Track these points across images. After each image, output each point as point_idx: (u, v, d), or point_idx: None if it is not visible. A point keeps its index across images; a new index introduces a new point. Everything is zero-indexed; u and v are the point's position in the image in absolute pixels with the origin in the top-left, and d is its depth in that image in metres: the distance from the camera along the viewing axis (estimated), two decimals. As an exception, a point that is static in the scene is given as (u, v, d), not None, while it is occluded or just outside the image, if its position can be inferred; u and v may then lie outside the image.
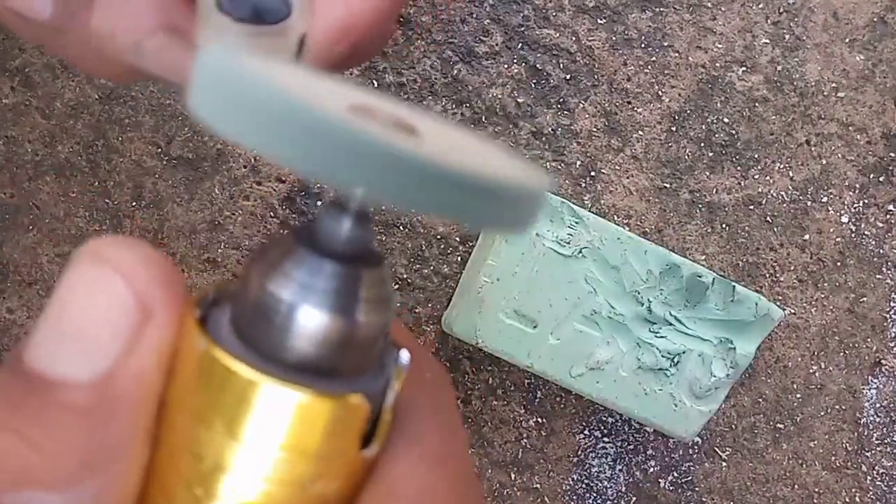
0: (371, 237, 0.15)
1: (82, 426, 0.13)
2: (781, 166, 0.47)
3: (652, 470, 0.48)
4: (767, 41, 0.47)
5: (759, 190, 0.47)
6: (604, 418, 0.48)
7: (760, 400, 0.48)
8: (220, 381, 0.14)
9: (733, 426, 0.48)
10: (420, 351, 0.17)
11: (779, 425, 0.48)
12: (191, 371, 0.14)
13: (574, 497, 0.48)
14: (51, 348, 0.14)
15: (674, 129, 0.47)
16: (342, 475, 0.14)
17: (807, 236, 0.48)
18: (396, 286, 0.46)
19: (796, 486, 0.49)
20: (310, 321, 0.14)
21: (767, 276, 0.48)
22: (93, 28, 0.19)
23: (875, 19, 0.47)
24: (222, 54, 0.12)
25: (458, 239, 0.46)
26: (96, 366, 0.14)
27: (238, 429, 0.14)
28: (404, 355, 0.15)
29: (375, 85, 0.46)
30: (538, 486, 0.48)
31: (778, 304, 0.47)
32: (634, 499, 0.48)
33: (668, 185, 0.47)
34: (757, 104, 0.47)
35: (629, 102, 0.47)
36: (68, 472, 0.13)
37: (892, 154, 0.48)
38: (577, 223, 0.42)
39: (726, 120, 0.47)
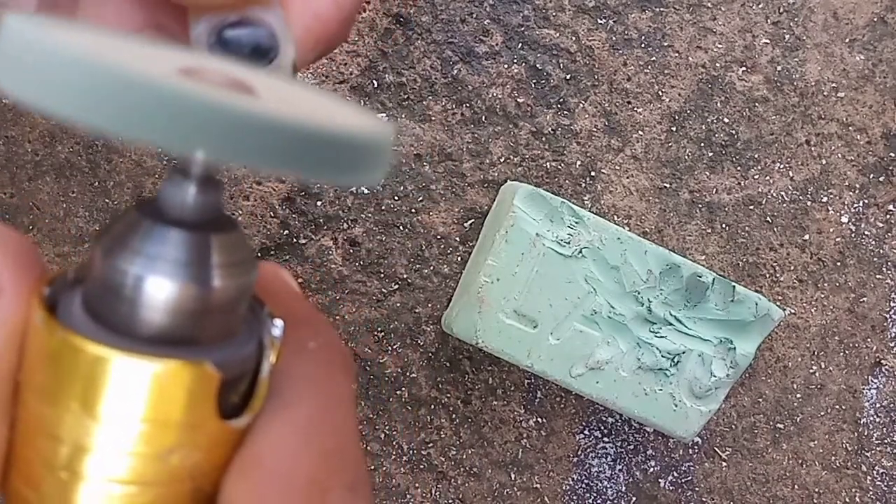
0: (219, 201, 0.14)
1: None
2: (781, 166, 0.47)
3: (652, 470, 0.48)
4: (767, 41, 0.47)
5: (759, 190, 0.47)
6: (604, 418, 0.48)
7: (760, 400, 0.48)
8: (69, 361, 0.13)
9: (733, 426, 0.48)
10: (311, 319, 0.17)
11: (779, 425, 0.48)
12: (38, 351, 0.14)
13: (574, 497, 0.48)
14: None
15: (674, 129, 0.47)
16: (206, 445, 0.14)
17: (807, 236, 0.48)
18: (396, 286, 0.46)
19: (796, 486, 0.49)
20: (159, 292, 0.13)
21: (767, 276, 0.48)
22: None
23: (875, 19, 0.47)
24: (26, 23, 0.11)
25: (458, 239, 0.46)
26: None
27: (94, 407, 0.13)
28: (277, 325, 0.15)
29: (375, 85, 0.46)
30: (538, 486, 0.48)
31: (778, 304, 0.47)
32: (634, 499, 0.48)
33: (668, 185, 0.47)
34: (757, 104, 0.47)
35: (629, 102, 0.47)
36: None
37: (892, 154, 0.48)
38: (577, 223, 0.42)
39: (726, 120, 0.47)
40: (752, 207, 0.47)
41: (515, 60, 0.46)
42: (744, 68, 0.47)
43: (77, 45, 0.11)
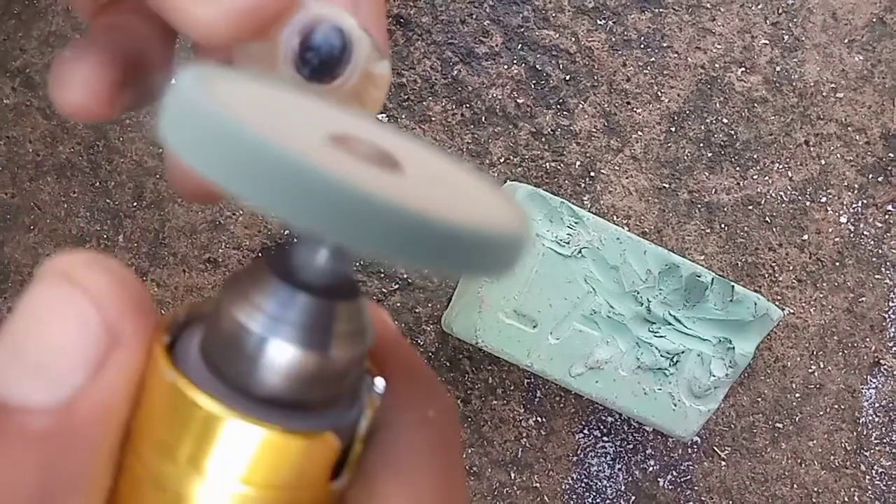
0: (348, 269, 0.14)
1: (40, 455, 0.13)
2: (780, 166, 0.47)
3: (651, 469, 0.48)
4: (766, 42, 0.47)
5: (758, 190, 0.47)
6: (603, 418, 0.48)
7: (759, 399, 0.48)
8: (185, 413, 0.13)
9: (732, 426, 0.49)
10: (426, 377, 0.16)
11: (778, 425, 0.49)
12: (156, 400, 0.13)
13: (573, 496, 0.48)
14: (12, 373, 0.13)
15: (673, 129, 0.47)
16: None
17: (806, 236, 0.48)
18: (396, 286, 0.46)
19: (795, 486, 0.49)
20: (279, 356, 0.13)
21: (766, 276, 0.48)
22: None
23: (874, 20, 0.48)
24: (191, 83, 0.11)
25: (457, 239, 0.46)
26: (58, 393, 0.13)
27: (202, 462, 0.13)
28: (379, 383, 0.15)
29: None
30: (538, 485, 0.48)
31: (777, 304, 0.48)
32: (634, 498, 0.48)
33: (667, 186, 0.47)
34: (756, 104, 0.47)
35: (628, 103, 0.47)
36: (21, 499, 0.12)
37: (891, 154, 0.48)
38: (576, 223, 0.42)
39: (725, 120, 0.47)
40: (751, 207, 0.47)
41: (515, 61, 0.46)
42: (743, 69, 0.47)
43: (229, 107, 0.11)
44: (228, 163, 0.11)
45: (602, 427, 0.48)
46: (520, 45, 0.46)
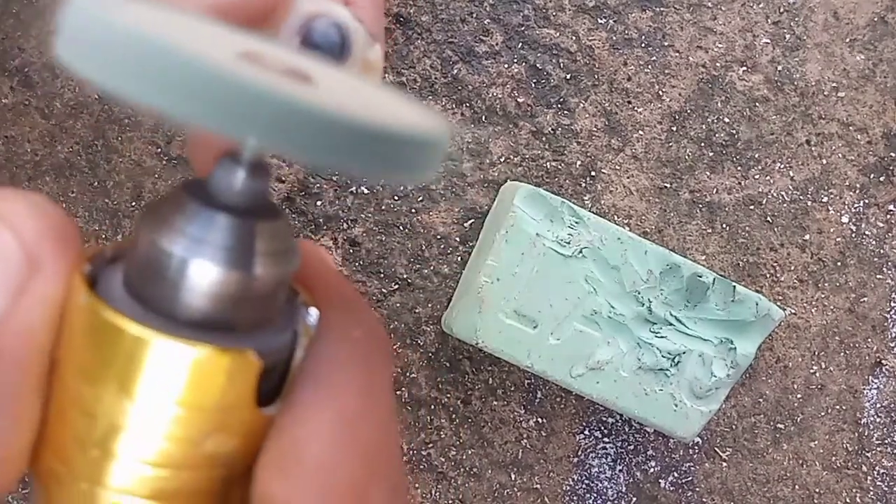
0: (266, 189, 0.14)
1: None
2: (782, 166, 0.47)
3: (652, 470, 0.48)
4: (768, 41, 0.47)
5: (760, 190, 0.47)
6: (604, 418, 0.48)
7: (761, 400, 0.48)
8: (110, 340, 0.13)
9: (734, 426, 0.48)
10: (353, 304, 0.16)
11: (779, 425, 0.48)
12: (79, 329, 0.13)
13: (574, 497, 0.48)
14: None
15: (674, 128, 0.47)
16: (240, 432, 0.14)
17: (807, 236, 0.48)
18: (396, 286, 0.46)
19: (797, 487, 0.49)
20: (201, 276, 0.13)
21: (768, 276, 0.47)
22: None
23: (875, 19, 0.47)
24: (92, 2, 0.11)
25: (458, 239, 0.46)
26: None
27: (131, 387, 0.13)
28: (312, 314, 0.15)
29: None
30: (538, 486, 0.48)
31: (778, 304, 0.47)
32: (635, 499, 0.48)
33: (668, 185, 0.47)
34: (757, 104, 0.47)
35: (629, 102, 0.47)
36: None
37: (893, 154, 0.48)
38: (577, 223, 0.42)
39: (726, 120, 0.47)
40: (752, 207, 0.47)
41: (515, 60, 0.46)
42: (744, 68, 0.47)
43: (139, 23, 0.11)
44: (144, 73, 0.11)
45: (603, 428, 0.48)
46: (520, 44, 0.46)
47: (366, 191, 0.46)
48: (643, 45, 0.46)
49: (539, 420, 0.47)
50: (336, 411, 0.14)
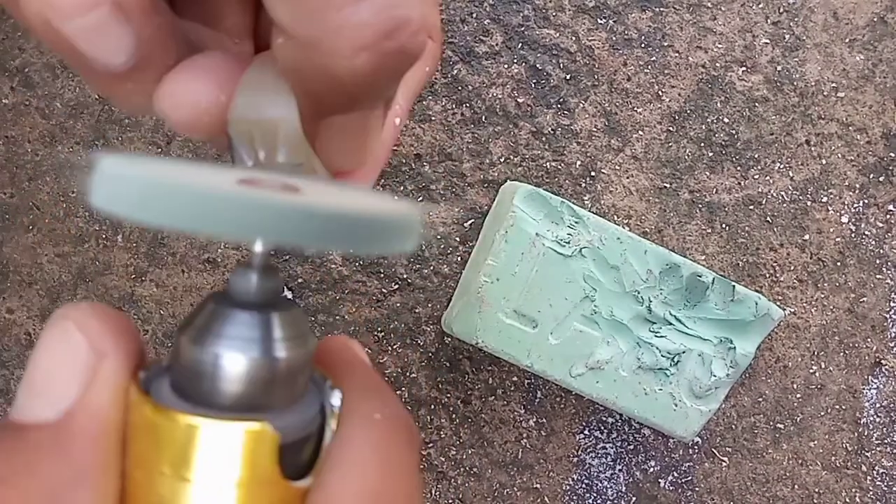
0: (278, 286, 0.17)
1: (47, 460, 0.15)
2: (781, 166, 0.47)
3: (652, 470, 0.48)
4: (767, 41, 0.47)
5: (759, 190, 0.47)
6: (604, 418, 0.48)
7: (760, 400, 0.48)
8: (158, 430, 0.15)
9: (733, 426, 0.48)
10: (378, 391, 0.18)
11: (779, 425, 0.48)
12: (135, 425, 0.16)
13: (574, 497, 0.48)
14: (24, 399, 0.16)
15: (674, 129, 0.47)
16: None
17: (807, 236, 0.48)
18: (396, 286, 0.46)
19: (796, 486, 0.49)
20: (233, 365, 0.16)
21: (767, 275, 0.48)
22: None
23: (875, 19, 0.47)
24: (117, 163, 0.14)
25: (458, 239, 0.46)
26: (58, 406, 0.15)
27: (183, 469, 0.15)
28: (336, 396, 0.17)
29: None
30: (538, 486, 0.48)
31: (778, 303, 0.47)
32: (634, 499, 0.48)
33: (668, 185, 0.47)
34: (757, 104, 0.47)
35: (629, 102, 0.47)
36: (35, 500, 0.14)
37: (892, 154, 0.48)
38: (577, 223, 0.42)
39: (726, 120, 0.47)
40: (752, 207, 0.47)
41: (515, 60, 0.46)
42: (744, 68, 0.47)
43: (160, 172, 0.14)
44: (172, 208, 0.14)
45: (603, 428, 0.48)
46: (520, 45, 0.46)
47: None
48: (643, 45, 0.46)
49: (539, 420, 0.47)
50: (358, 488, 0.16)
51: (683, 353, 0.43)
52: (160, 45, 0.18)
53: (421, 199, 0.46)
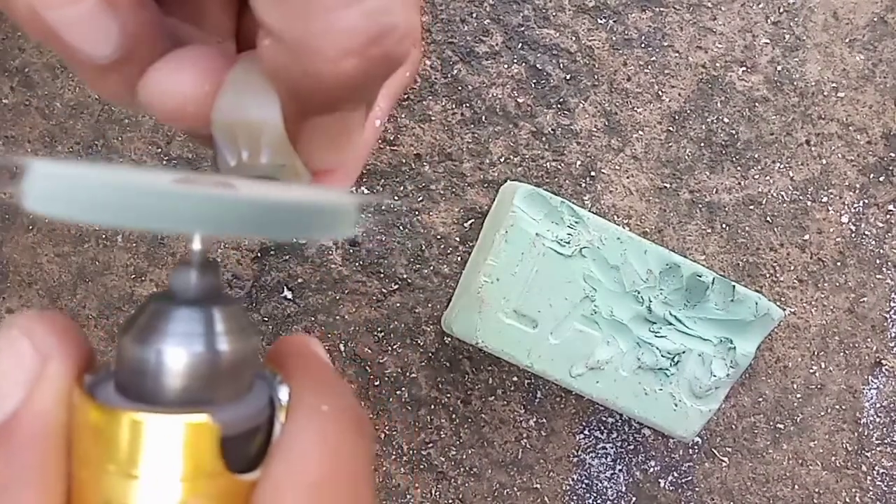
0: (217, 281, 0.17)
1: None
2: (781, 166, 0.47)
3: (652, 470, 0.48)
4: (767, 41, 0.47)
5: (759, 190, 0.47)
6: (604, 418, 0.48)
7: (760, 400, 0.48)
8: (100, 429, 0.16)
9: (733, 426, 0.48)
10: (329, 385, 0.18)
11: (779, 425, 0.48)
12: (78, 426, 0.16)
13: (574, 497, 0.48)
14: None
15: (674, 129, 0.47)
16: (218, 498, 0.16)
17: (807, 236, 0.48)
18: (396, 286, 0.46)
19: (796, 487, 0.49)
20: (176, 360, 0.16)
21: (767, 276, 0.47)
22: None
23: (875, 19, 0.47)
24: (49, 165, 0.15)
25: (458, 239, 0.46)
26: (3, 408, 0.16)
27: (129, 465, 0.15)
28: (284, 390, 0.18)
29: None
30: (538, 486, 0.48)
31: (778, 304, 0.47)
32: (634, 499, 0.48)
33: (668, 185, 0.47)
34: (757, 104, 0.47)
35: (629, 102, 0.47)
36: None
37: (893, 154, 0.48)
38: (577, 223, 0.42)
39: (726, 120, 0.47)
40: (752, 207, 0.47)
41: (515, 60, 0.46)
42: (744, 68, 0.47)
43: (100, 174, 0.14)
44: (109, 205, 0.14)
45: (603, 428, 0.48)
46: (520, 45, 0.46)
47: (366, 191, 0.46)
48: (643, 45, 0.46)
49: (539, 420, 0.47)
50: (302, 479, 0.16)
51: (683, 353, 0.43)
52: (146, 39, 0.18)
53: (421, 199, 0.46)
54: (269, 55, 0.17)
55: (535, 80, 0.46)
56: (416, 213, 0.46)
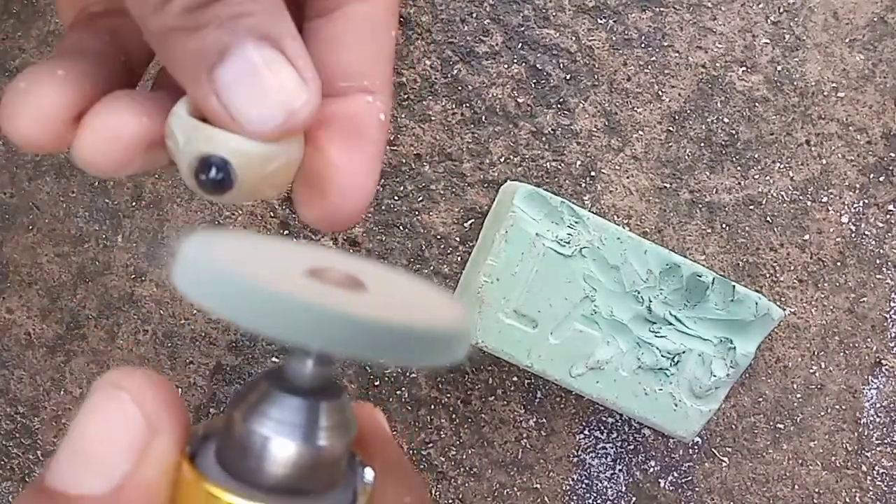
0: (332, 373, 0.17)
1: None
2: (781, 166, 0.47)
3: (652, 470, 0.48)
4: (767, 41, 0.47)
5: (759, 190, 0.47)
6: (604, 418, 0.48)
7: (760, 400, 0.48)
8: None
9: (733, 426, 0.48)
10: (405, 470, 0.19)
11: (779, 425, 0.48)
12: (184, 500, 0.16)
13: (574, 497, 0.48)
14: (71, 467, 0.16)
15: (674, 129, 0.47)
16: None
17: (807, 236, 0.48)
18: (396, 286, 0.46)
19: (796, 487, 0.49)
20: (282, 450, 0.16)
21: (767, 276, 0.48)
22: None
23: (875, 19, 0.47)
24: (197, 248, 0.15)
25: (458, 239, 0.46)
26: (110, 480, 0.15)
27: None
28: (368, 474, 0.18)
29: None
30: (538, 486, 0.48)
31: (778, 304, 0.47)
32: (634, 499, 0.48)
33: (668, 185, 0.47)
34: (757, 104, 0.47)
35: (629, 102, 0.47)
36: None
37: (893, 154, 0.48)
38: (577, 223, 0.42)
39: (726, 120, 0.47)
40: (752, 207, 0.47)
41: (515, 60, 0.46)
42: (744, 68, 0.47)
43: (231, 263, 0.15)
44: (235, 304, 0.14)
45: (603, 428, 0.48)
46: (520, 45, 0.46)
47: (366, 191, 0.46)
48: (643, 45, 0.46)
49: (539, 420, 0.47)
50: None
51: (683, 353, 0.43)
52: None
53: (421, 199, 0.46)
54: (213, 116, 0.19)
55: (535, 80, 0.46)
56: (416, 213, 0.46)
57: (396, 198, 0.46)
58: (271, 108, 0.19)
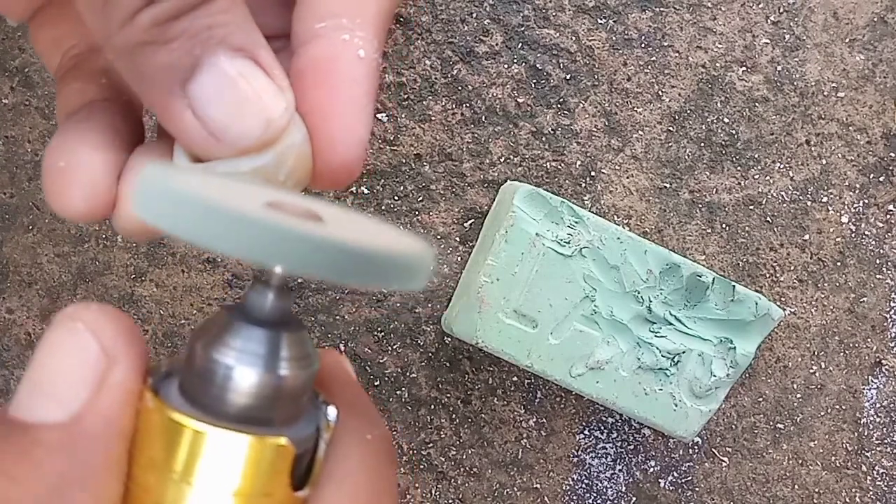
0: (290, 306, 0.18)
1: (55, 460, 0.15)
2: (781, 166, 0.47)
3: (652, 470, 0.48)
4: (767, 41, 0.47)
5: (759, 190, 0.47)
6: (604, 418, 0.48)
7: (760, 400, 0.48)
8: (173, 436, 0.16)
9: (733, 426, 0.48)
10: (368, 410, 0.19)
11: (779, 425, 0.48)
12: (147, 429, 0.16)
13: (574, 497, 0.48)
14: (29, 397, 0.16)
15: (674, 129, 0.47)
16: None
17: (807, 236, 0.48)
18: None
19: (796, 487, 0.49)
20: (245, 379, 0.17)
21: (767, 276, 0.48)
22: None
23: (875, 19, 0.47)
24: (159, 173, 0.15)
25: (458, 239, 0.46)
26: (68, 408, 0.16)
27: (191, 475, 0.16)
28: (332, 412, 0.18)
29: (375, 85, 0.46)
30: (538, 486, 0.48)
31: (778, 304, 0.47)
32: (634, 499, 0.48)
33: (668, 185, 0.47)
34: (757, 104, 0.47)
35: (629, 102, 0.47)
36: (39, 499, 0.15)
37: (893, 154, 0.48)
38: (577, 223, 0.42)
39: (726, 120, 0.47)
40: (752, 207, 0.47)
41: (515, 60, 0.46)
42: (744, 68, 0.47)
43: (195, 189, 0.15)
44: (198, 226, 0.14)
45: (603, 428, 0.48)
46: (520, 45, 0.46)
47: (366, 191, 0.46)
48: (643, 45, 0.46)
49: (539, 420, 0.47)
50: (348, 495, 0.17)
51: (683, 353, 0.43)
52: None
53: (421, 199, 0.46)
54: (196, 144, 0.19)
55: (535, 80, 0.46)
56: (416, 213, 0.46)
57: (396, 198, 0.46)
58: (251, 120, 0.19)
